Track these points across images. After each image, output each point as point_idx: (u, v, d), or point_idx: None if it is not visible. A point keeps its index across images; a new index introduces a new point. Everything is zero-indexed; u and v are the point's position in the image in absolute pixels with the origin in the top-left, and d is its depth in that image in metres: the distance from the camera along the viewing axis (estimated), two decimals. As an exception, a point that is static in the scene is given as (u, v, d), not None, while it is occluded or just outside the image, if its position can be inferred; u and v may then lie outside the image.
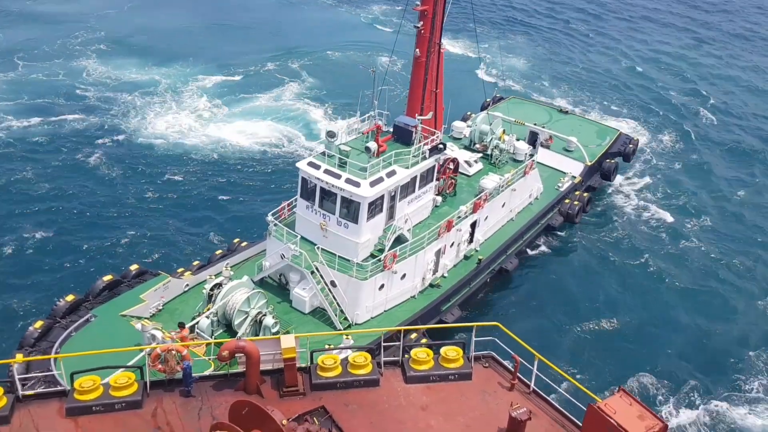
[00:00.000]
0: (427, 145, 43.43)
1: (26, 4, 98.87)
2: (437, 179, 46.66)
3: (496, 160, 53.92)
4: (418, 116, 45.13)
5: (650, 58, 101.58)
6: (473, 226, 47.82)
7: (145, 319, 37.49)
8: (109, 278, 40.20)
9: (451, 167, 49.00)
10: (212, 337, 36.97)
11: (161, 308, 39.60)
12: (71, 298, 38.30)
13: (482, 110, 65.26)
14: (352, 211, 40.48)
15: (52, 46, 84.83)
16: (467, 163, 52.25)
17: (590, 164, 59.88)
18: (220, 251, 45.84)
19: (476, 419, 24.66)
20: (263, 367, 25.06)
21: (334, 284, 40.38)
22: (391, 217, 42.93)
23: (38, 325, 36.06)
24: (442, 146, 44.48)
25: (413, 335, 38.95)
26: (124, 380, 24.18)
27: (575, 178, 58.64)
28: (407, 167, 42.18)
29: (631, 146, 64.41)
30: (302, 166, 41.83)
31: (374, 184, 40.25)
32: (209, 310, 37.65)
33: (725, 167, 71.85)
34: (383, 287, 41.29)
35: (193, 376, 24.88)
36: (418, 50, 46.79)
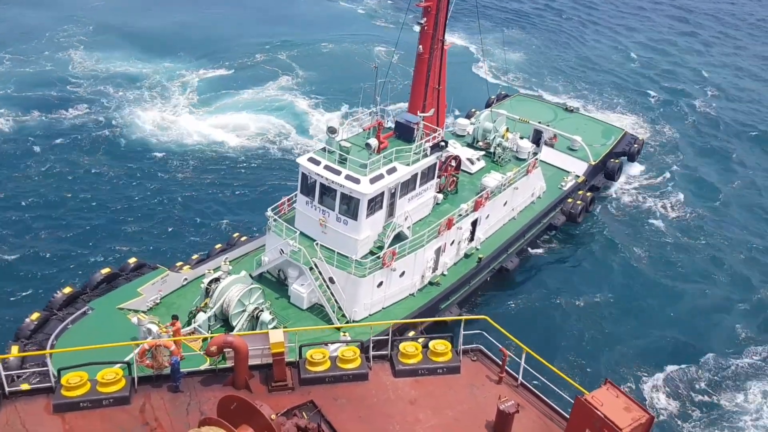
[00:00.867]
0: (428, 142, 43.24)
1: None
2: (439, 177, 46.47)
3: (498, 158, 53.68)
4: (419, 113, 44.98)
5: (651, 49, 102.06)
6: (474, 224, 47.56)
7: (141, 312, 37.47)
8: (107, 271, 40.30)
9: (453, 165, 48.80)
10: (209, 332, 36.91)
11: (159, 302, 39.55)
12: (68, 290, 38.41)
13: (487, 108, 65.10)
14: (351, 207, 40.33)
15: (40, 39, 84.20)
16: (469, 160, 52.01)
17: (594, 164, 59.51)
18: (219, 245, 45.78)
19: (464, 412, 24.76)
20: (252, 362, 24.97)
21: (332, 281, 40.24)
22: (391, 214, 42.75)
23: (34, 317, 36.12)
24: (443, 143, 44.30)
25: (411, 333, 38.83)
26: (111, 376, 24.11)
27: (579, 177, 58.25)
28: (408, 164, 41.98)
29: (636, 146, 64.01)
30: (302, 161, 41.70)
31: (374, 180, 40.05)
32: (206, 305, 37.61)
33: (729, 163, 71.66)
34: (382, 285, 41.11)
35: (181, 371, 24.82)
36: (421, 47, 46.53)
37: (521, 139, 55.36)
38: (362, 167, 39.83)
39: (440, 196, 47.44)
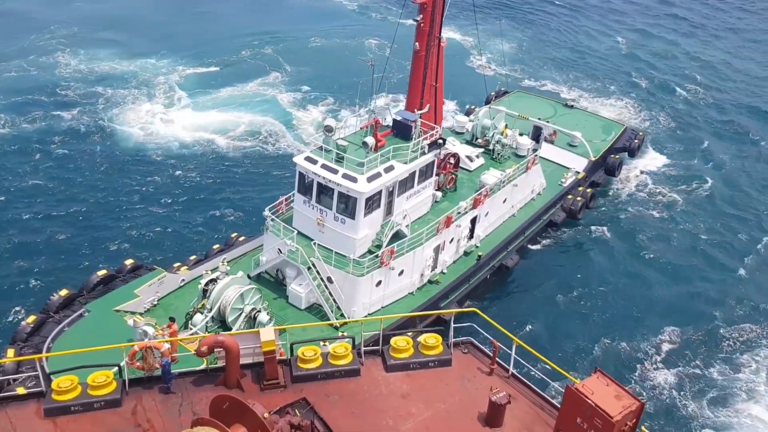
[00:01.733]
0: (426, 140, 43.02)
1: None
2: (437, 174, 46.24)
3: (498, 155, 53.39)
4: (417, 111, 44.77)
5: (641, 33, 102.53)
6: (473, 221, 47.32)
7: (137, 314, 37.34)
8: (103, 273, 40.19)
9: (451, 162, 48.58)
10: (207, 333, 36.72)
11: (156, 303, 39.43)
12: (65, 292, 38.31)
13: (486, 104, 64.89)
14: (349, 206, 40.13)
15: (24, 42, 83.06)
16: (468, 158, 51.74)
17: (594, 159, 59.04)
18: (217, 246, 45.60)
19: (456, 405, 24.91)
20: (243, 361, 24.86)
21: (330, 280, 40.07)
22: (389, 212, 42.50)
23: (31, 319, 36.04)
24: (441, 141, 44.05)
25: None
26: (102, 379, 23.97)
27: (579, 173, 57.89)
28: (406, 162, 41.76)
29: (636, 141, 63.55)
30: (299, 160, 41.47)
31: (371, 179, 39.85)
32: (203, 305, 37.46)
33: (731, 156, 71.18)
34: (380, 284, 40.91)
35: (172, 372, 24.69)
36: (417, 44, 46.38)
37: (520, 135, 55.00)
38: (359, 166, 39.62)
39: (439, 194, 47.18)
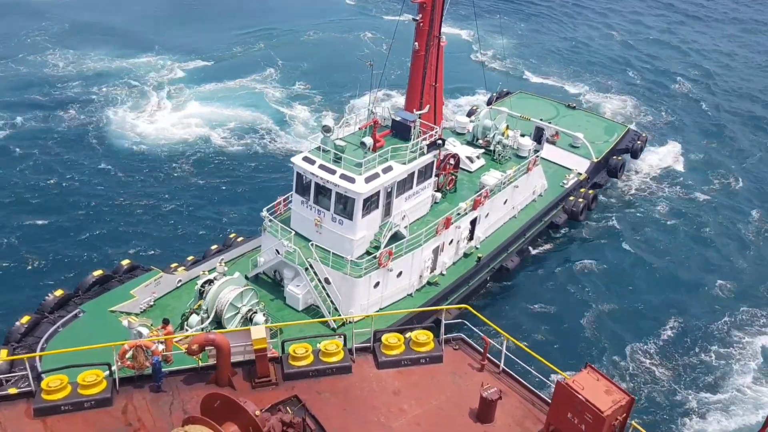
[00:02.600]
0: (425, 140, 42.70)
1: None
2: (437, 175, 45.92)
3: (498, 156, 53.06)
4: (416, 111, 44.49)
5: (652, 39, 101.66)
6: (473, 223, 46.95)
7: (132, 315, 37.10)
8: (99, 273, 40.02)
9: (451, 163, 48.23)
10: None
11: (153, 304, 39.21)
12: (60, 292, 38.13)
13: (488, 105, 64.61)
14: (347, 207, 39.86)
15: (13, 39, 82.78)
16: (469, 158, 51.40)
17: (597, 161, 58.68)
18: (215, 246, 45.31)
19: (448, 401, 24.88)
20: (234, 358, 24.64)
21: (328, 281, 39.78)
22: (387, 213, 42.18)
23: (25, 320, 35.85)
24: (441, 142, 43.71)
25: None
26: (92, 378, 23.74)
27: (581, 174, 57.49)
28: (404, 163, 41.45)
29: (639, 143, 63.15)
30: (297, 161, 41.23)
31: (369, 180, 39.55)
32: (200, 306, 37.16)
33: (733, 154, 70.87)
34: (378, 285, 40.59)
35: (162, 371, 24.46)
36: (416, 44, 46.06)
37: (522, 136, 54.70)
38: (357, 166, 39.35)
39: (438, 195, 46.83)
